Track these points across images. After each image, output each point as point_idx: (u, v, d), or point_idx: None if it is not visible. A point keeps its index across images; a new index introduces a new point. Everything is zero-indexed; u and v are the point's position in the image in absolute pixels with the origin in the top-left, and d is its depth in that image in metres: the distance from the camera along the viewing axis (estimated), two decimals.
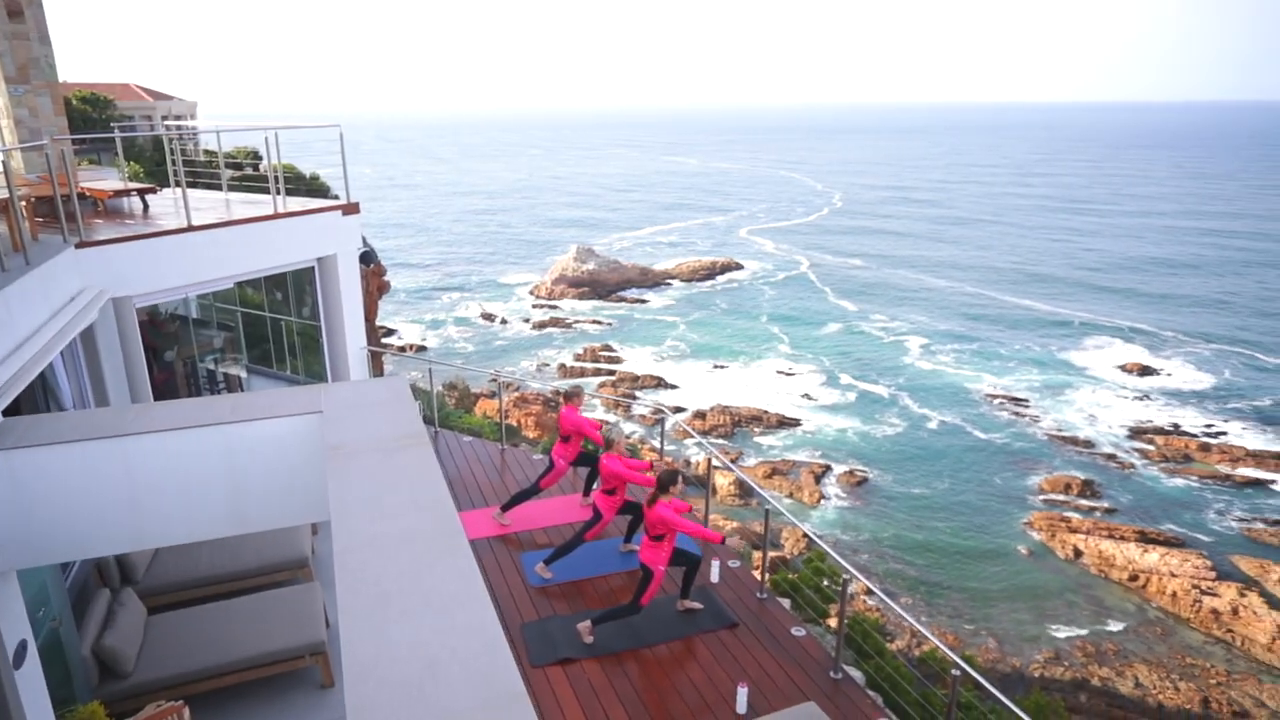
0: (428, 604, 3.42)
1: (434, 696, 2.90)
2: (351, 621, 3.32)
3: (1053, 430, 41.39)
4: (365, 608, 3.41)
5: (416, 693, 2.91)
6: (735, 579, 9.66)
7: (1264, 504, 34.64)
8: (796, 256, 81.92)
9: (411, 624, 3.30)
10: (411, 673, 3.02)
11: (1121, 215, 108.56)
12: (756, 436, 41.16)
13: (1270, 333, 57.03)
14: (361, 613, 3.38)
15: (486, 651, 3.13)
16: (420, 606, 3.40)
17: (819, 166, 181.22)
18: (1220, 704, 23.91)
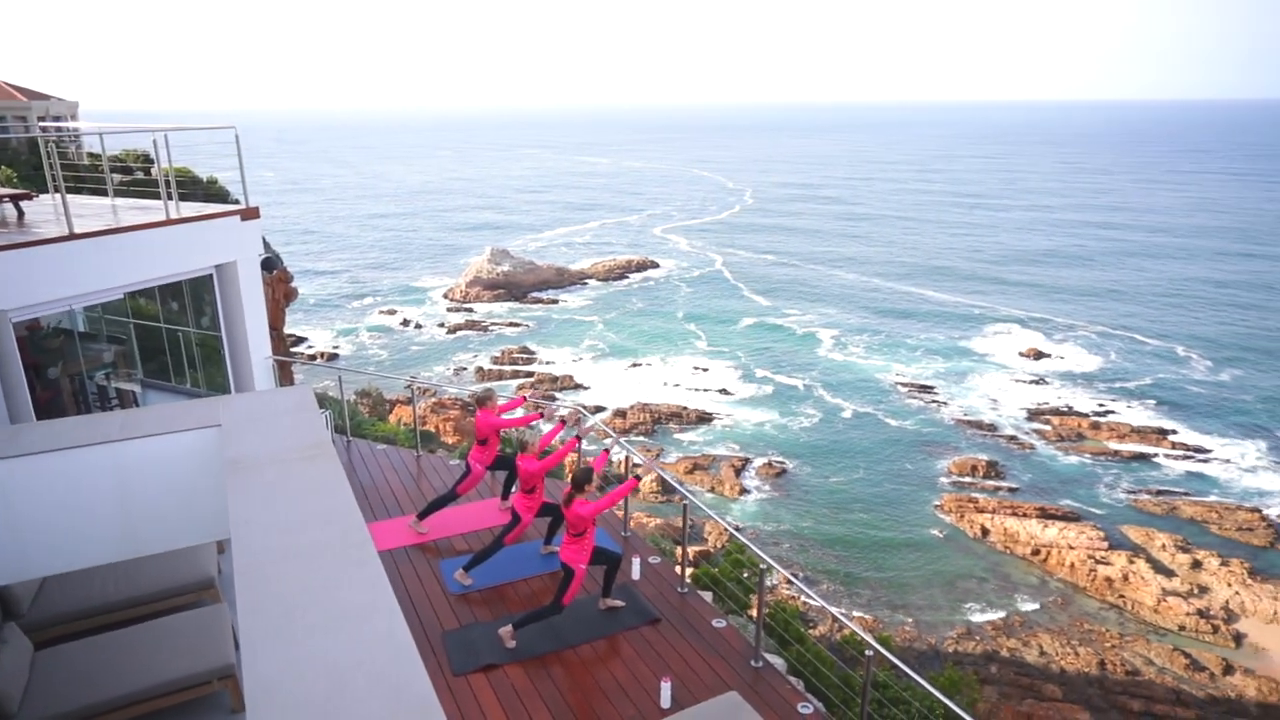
0: (334, 618, 3.33)
1: (342, 712, 2.82)
2: (254, 641, 3.20)
3: (958, 415, 43.21)
4: (268, 626, 3.29)
5: (323, 710, 2.83)
6: (656, 575, 9.74)
7: (1148, 476, 37.03)
8: (710, 254, 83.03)
9: (318, 639, 3.20)
10: (318, 690, 2.93)
11: (1016, 209, 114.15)
12: (677, 433, 41.55)
13: (1149, 317, 60.97)
14: (264, 631, 3.26)
15: (397, 663, 3.07)
16: (327, 621, 3.31)
17: (729, 165, 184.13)
18: (1115, 665, 25.45)
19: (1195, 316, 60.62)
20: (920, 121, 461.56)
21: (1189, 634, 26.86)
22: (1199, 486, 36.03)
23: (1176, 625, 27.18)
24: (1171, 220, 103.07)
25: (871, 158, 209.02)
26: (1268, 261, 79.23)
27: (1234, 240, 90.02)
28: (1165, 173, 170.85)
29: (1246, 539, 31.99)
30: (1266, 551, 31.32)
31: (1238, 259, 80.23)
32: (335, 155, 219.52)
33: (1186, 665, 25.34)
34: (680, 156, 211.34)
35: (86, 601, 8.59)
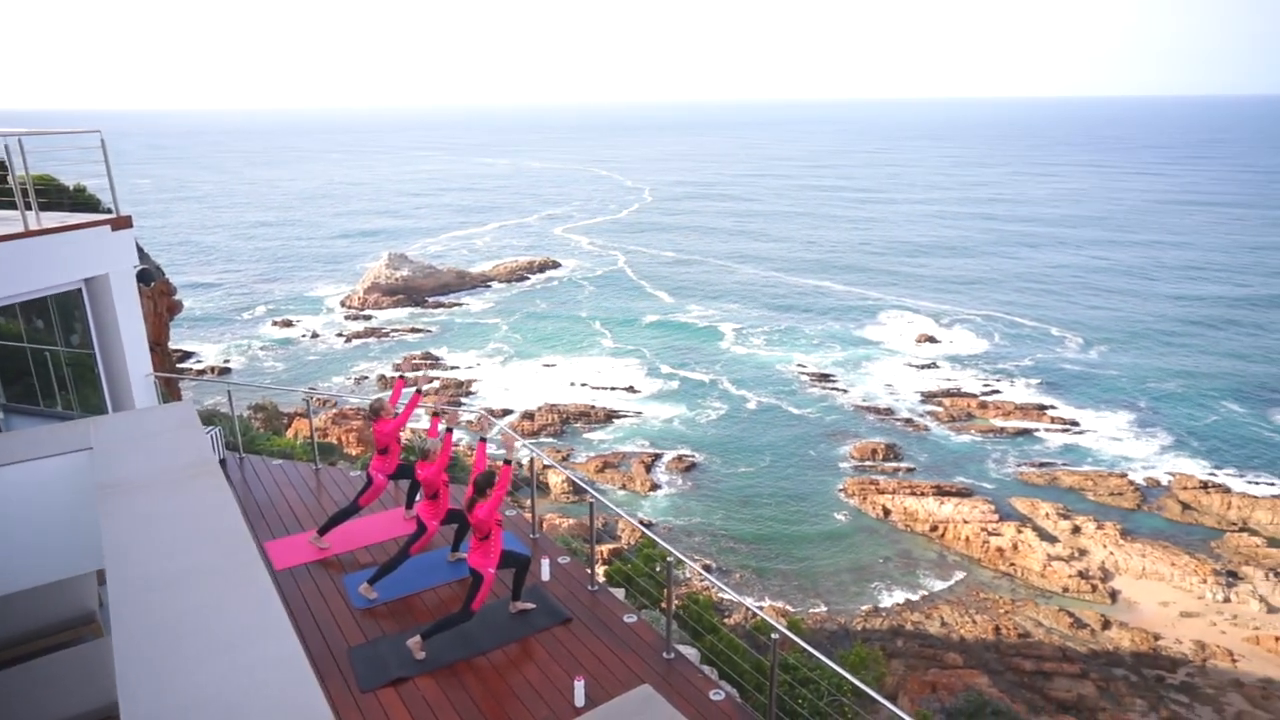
0: (222, 644, 3.19)
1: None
2: (132, 676, 3.03)
3: (857, 401, 44.81)
4: (149, 659, 3.13)
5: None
6: (566, 575, 9.73)
7: (1031, 450, 39.38)
8: (612, 252, 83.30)
9: (204, 669, 3.06)
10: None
11: (903, 203, 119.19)
12: (586, 432, 41.53)
13: (1027, 302, 64.80)
14: (144, 665, 3.09)
15: (292, 686, 2.97)
16: (213, 648, 3.17)
17: (627, 163, 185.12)
18: (1008, 629, 26.97)
19: (1067, 300, 64.76)
20: (813, 119, 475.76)
21: (1072, 594, 28.72)
22: (1075, 457, 38.55)
23: (1061, 587, 29.01)
24: (1042, 210, 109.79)
25: (767, 154, 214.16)
26: (1127, 248, 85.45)
27: (1098, 228, 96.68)
28: (1036, 165, 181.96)
29: (1117, 503, 34.46)
30: (1134, 513, 33.83)
31: (1102, 246, 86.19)
32: (214, 161, 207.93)
33: (1070, 624, 27.09)
34: (578, 156, 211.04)
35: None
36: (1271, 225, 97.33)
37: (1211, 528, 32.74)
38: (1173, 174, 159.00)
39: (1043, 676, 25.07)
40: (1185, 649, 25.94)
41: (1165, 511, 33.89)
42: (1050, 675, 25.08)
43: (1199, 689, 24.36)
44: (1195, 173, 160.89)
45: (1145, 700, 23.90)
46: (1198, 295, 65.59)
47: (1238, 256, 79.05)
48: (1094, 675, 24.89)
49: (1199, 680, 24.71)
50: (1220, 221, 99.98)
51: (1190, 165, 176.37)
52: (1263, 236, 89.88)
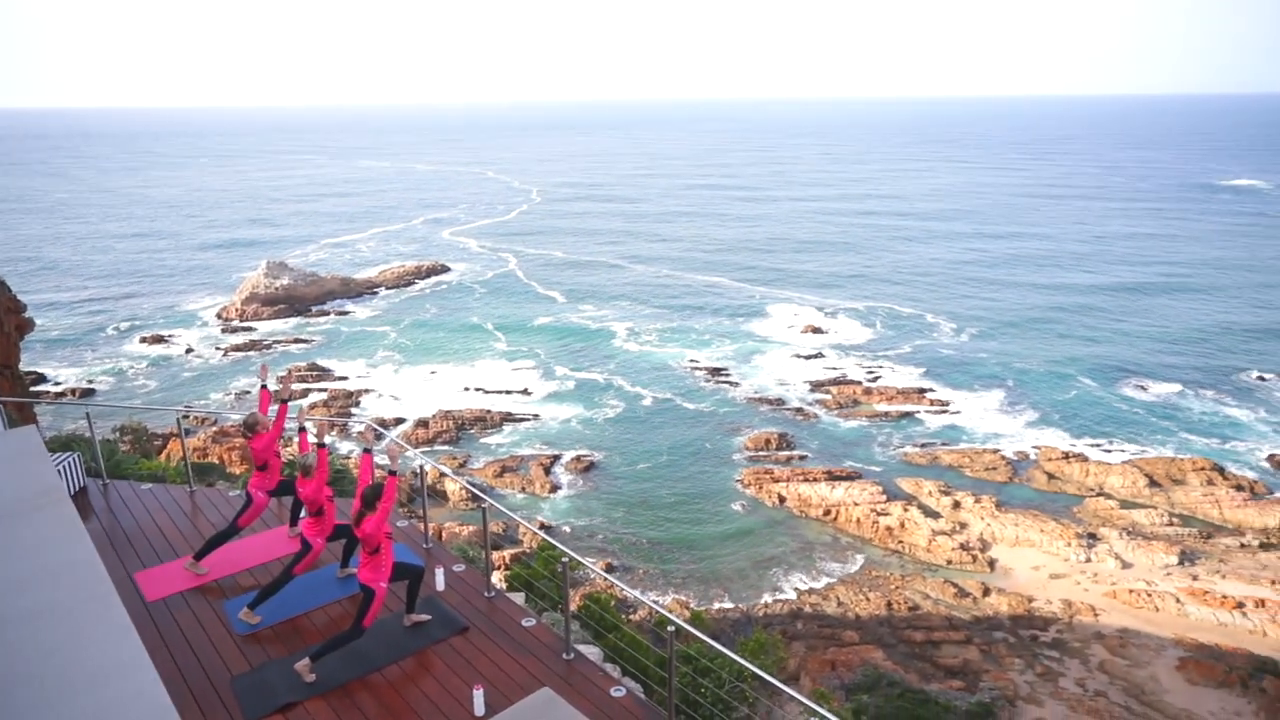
0: (72, 686, 2.97)
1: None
2: None
3: (749, 393, 45.92)
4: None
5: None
6: (462, 583, 9.56)
7: (913, 431, 41.40)
8: (503, 254, 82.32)
9: (53, 713, 2.84)
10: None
11: (787, 200, 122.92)
12: (482, 437, 40.91)
13: (904, 293, 68.06)
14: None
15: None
16: (61, 691, 2.94)
17: (514, 164, 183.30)
18: (899, 603, 28.26)
19: (940, 290, 68.41)
20: (700, 118, 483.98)
21: (955, 566, 30.38)
22: (953, 436, 40.78)
23: (945, 560, 30.64)
24: (915, 205, 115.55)
25: (654, 153, 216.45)
26: (992, 239, 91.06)
27: (965, 221, 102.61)
28: (909, 161, 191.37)
29: (992, 477, 36.69)
30: (1007, 486, 36.10)
31: (969, 238, 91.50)
32: (60, 168, 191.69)
33: (955, 594, 28.65)
34: (464, 157, 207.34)
35: None
36: (1113, 215, 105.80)
37: (1073, 494, 35.31)
38: (1030, 169, 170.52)
39: (932, 645, 26.41)
40: (1055, 608, 27.87)
41: (1033, 482, 36.31)
42: (939, 644, 26.45)
43: (1067, 644, 26.23)
44: (1050, 167, 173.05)
45: (1022, 659, 25.54)
46: (1054, 282, 70.58)
47: (1087, 245, 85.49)
48: (977, 640, 26.41)
49: (1067, 636, 26.62)
50: (1071, 212, 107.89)
51: (1044, 160, 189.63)
52: (1106, 226, 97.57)
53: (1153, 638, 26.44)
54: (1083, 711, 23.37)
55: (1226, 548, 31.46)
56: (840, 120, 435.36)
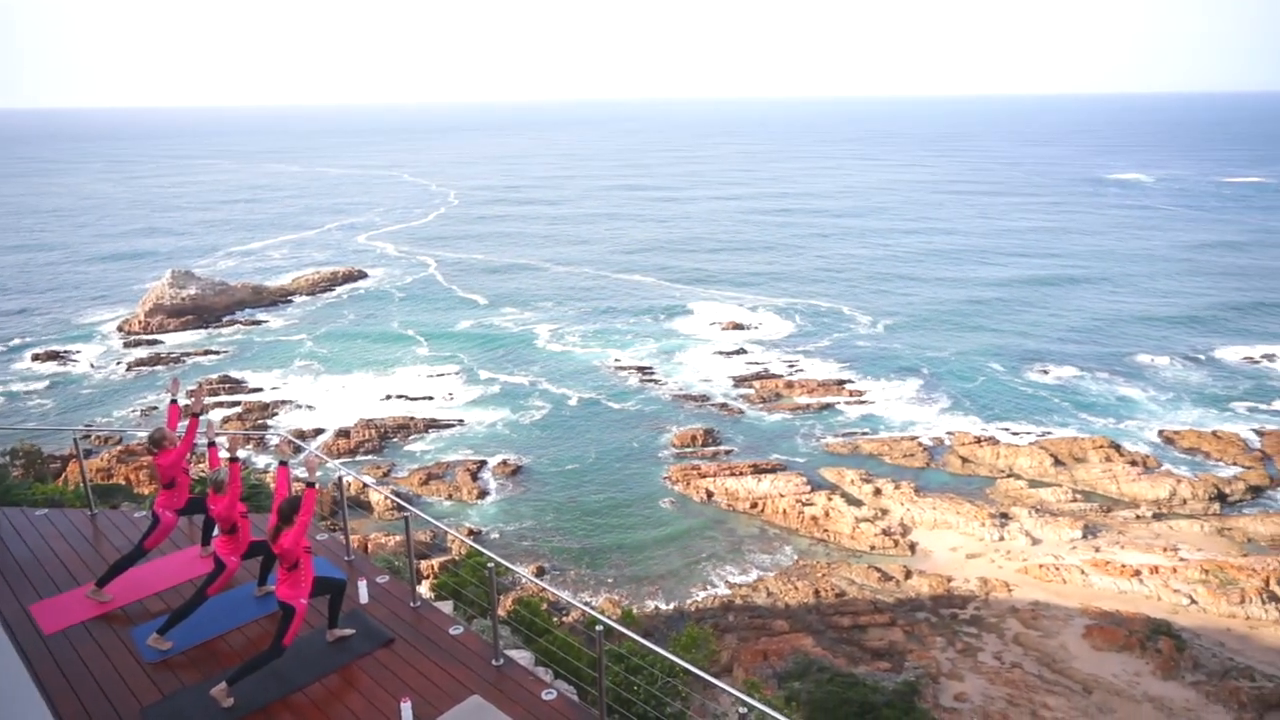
0: None
1: None
2: None
3: (674, 391, 46.29)
4: None
5: None
6: (387, 594, 9.36)
7: (834, 422, 42.46)
8: (421, 258, 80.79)
9: None
10: None
11: (705, 200, 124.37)
12: (407, 445, 40.10)
13: (821, 288, 69.78)
14: None
15: None
16: None
17: (430, 167, 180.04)
18: (826, 591, 28.95)
19: (855, 284, 70.40)
20: (618, 118, 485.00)
21: (878, 551, 31.31)
22: (872, 425, 42.01)
23: (868, 546, 31.54)
24: (829, 203, 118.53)
25: (569, 153, 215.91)
26: (904, 234, 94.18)
27: (877, 218, 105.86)
28: (823, 160, 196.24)
29: (910, 463, 37.97)
30: (924, 471, 37.42)
31: (882, 233, 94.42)
32: None
33: (879, 578, 29.53)
34: (377, 160, 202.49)
35: None
36: (1013, 209, 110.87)
37: (986, 476, 36.86)
38: (936, 165, 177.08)
39: (859, 629, 27.17)
40: (972, 586, 29.03)
41: (949, 467, 37.74)
42: (865, 627, 27.22)
43: (984, 620, 27.37)
44: (954, 164, 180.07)
45: (943, 637, 26.52)
46: (962, 276, 73.50)
47: (990, 239, 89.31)
48: (901, 622, 27.29)
49: (984, 612, 27.77)
50: (975, 207, 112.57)
51: (949, 157, 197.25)
52: (1008, 220, 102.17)
53: (1061, 609, 27.82)
54: (1000, 683, 24.42)
55: (1124, 520, 33.36)
56: (753, 120, 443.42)
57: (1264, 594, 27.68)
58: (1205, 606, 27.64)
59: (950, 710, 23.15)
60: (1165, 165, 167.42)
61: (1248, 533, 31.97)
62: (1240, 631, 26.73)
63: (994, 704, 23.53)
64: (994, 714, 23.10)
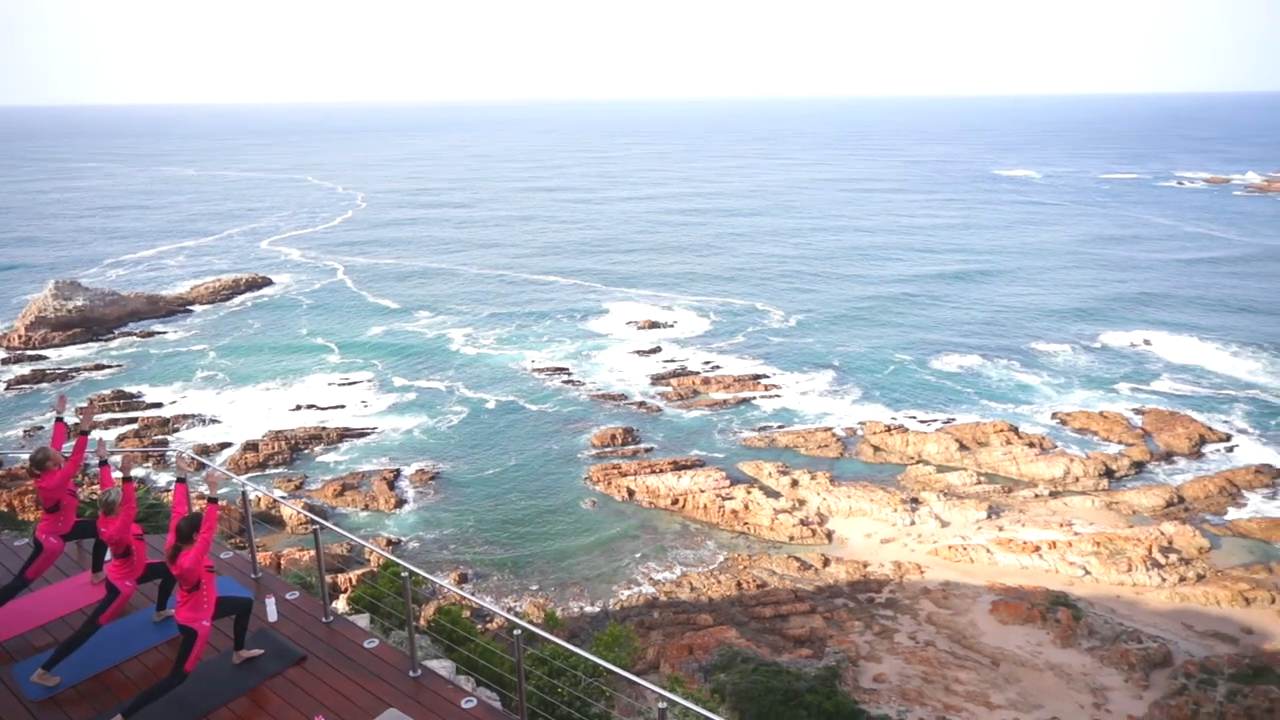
0: None
1: None
2: None
3: (592, 391, 46.27)
4: None
5: None
6: (297, 610, 9.04)
7: (751, 417, 43.23)
8: (329, 263, 78.35)
9: None
10: None
11: (618, 201, 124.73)
12: (319, 456, 38.85)
13: (735, 287, 70.92)
14: None
15: None
16: None
17: (336, 169, 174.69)
18: (748, 583, 29.46)
19: (768, 281, 71.84)
20: (528, 119, 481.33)
21: (797, 541, 32.05)
22: (787, 418, 42.97)
23: (787, 536, 32.24)
24: (740, 202, 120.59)
25: (482, 157, 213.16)
26: (814, 234, 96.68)
27: (786, 215, 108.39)
28: (730, 159, 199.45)
29: (825, 454, 39.00)
30: (839, 461, 38.52)
31: (792, 232, 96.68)
32: None
33: (798, 567, 30.24)
34: (281, 163, 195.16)
35: None
36: (916, 205, 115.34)
37: (897, 463, 38.20)
38: (841, 164, 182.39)
39: (781, 619, 27.74)
40: (887, 570, 30.04)
41: (862, 455, 38.94)
42: (787, 616, 27.82)
43: (899, 602, 28.36)
44: (858, 163, 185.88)
45: (861, 621, 27.36)
46: (870, 270, 76.00)
47: (895, 235, 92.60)
48: (821, 609, 28.01)
49: (899, 595, 28.77)
50: (879, 205, 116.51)
51: (854, 156, 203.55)
52: (911, 217, 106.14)
53: (969, 587, 29.09)
54: (915, 662, 25.36)
55: (1024, 499, 35.11)
56: (667, 120, 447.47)
57: (1148, 561, 29.60)
58: (1098, 577, 29.35)
59: (870, 691, 23.90)
60: (1052, 163, 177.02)
61: (1133, 505, 34.11)
62: (1129, 598, 28.51)
63: (910, 682, 24.41)
64: (910, 692, 23.96)
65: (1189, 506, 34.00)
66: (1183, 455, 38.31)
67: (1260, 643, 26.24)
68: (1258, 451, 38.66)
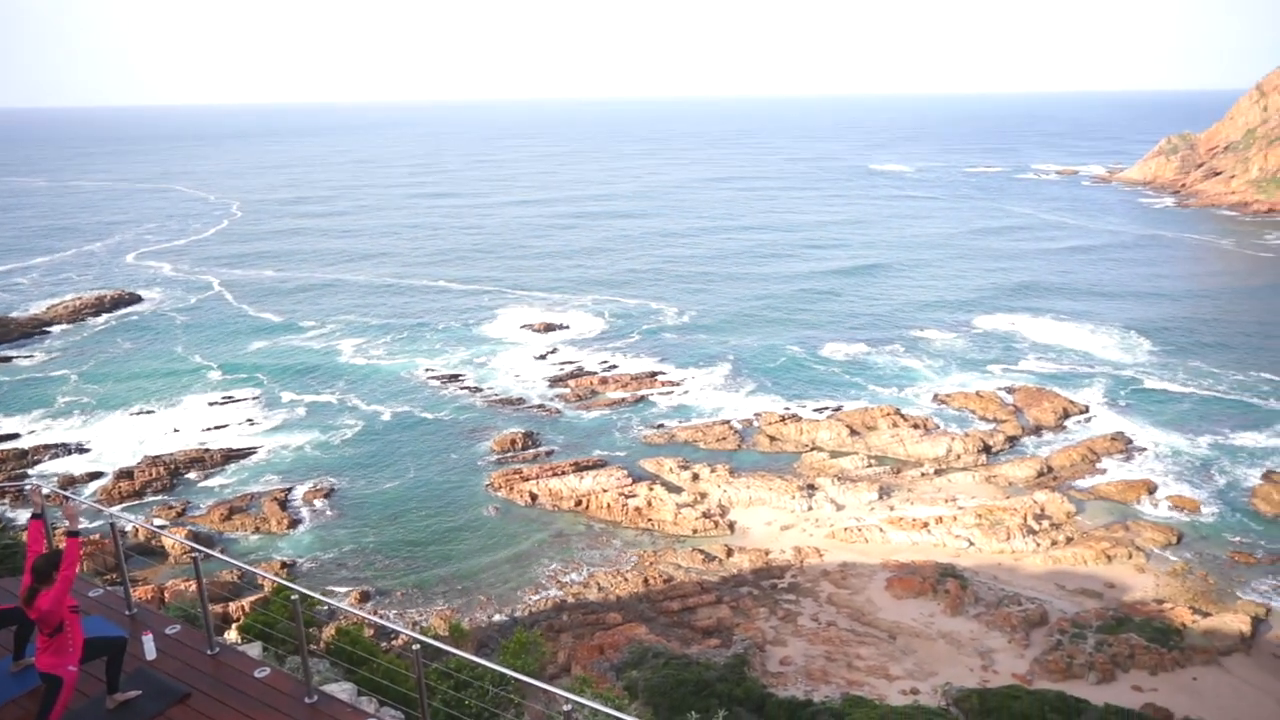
0: None
1: None
2: None
3: (490, 396, 45.67)
4: None
5: None
6: (179, 645, 8.55)
7: (649, 414, 43.65)
8: (204, 276, 74.22)
9: None
10: None
11: (507, 205, 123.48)
12: (203, 480, 36.85)
13: (629, 287, 71.48)
14: None
15: None
16: None
17: (207, 177, 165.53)
18: (655, 578, 29.73)
19: (660, 280, 72.75)
20: (409, 122, 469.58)
21: (700, 534, 32.59)
22: (685, 414, 43.62)
23: (691, 530, 32.75)
24: (626, 205, 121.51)
25: (362, 158, 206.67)
26: (704, 233, 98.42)
27: (676, 216, 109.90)
28: (620, 160, 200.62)
29: (723, 446, 39.83)
30: (737, 453, 39.41)
31: (682, 232, 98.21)
32: None
33: (703, 559, 30.76)
34: (144, 171, 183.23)
35: None
36: (800, 202, 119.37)
37: (792, 452, 39.40)
38: (725, 162, 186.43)
39: (688, 611, 28.16)
40: (788, 556, 30.96)
41: (759, 446, 39.97)
42: (694, 609, 28.26)
43: (801, 586, 29.29)
44: (741, 160, 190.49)
45: (766, 607, 28.10)
46: (759, 266, 78.07)
47: (783, 233, 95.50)
48: (727, 599, 28.60)
49: (800, 579, 29.71)
50: (765, 201, 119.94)
51: (736, 154, 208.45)
52: (797, 214, 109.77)
53: (865, 566, 30.34)
54: (819, 642, 26.26)
55: (912, 478, 36.89)
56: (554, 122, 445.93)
57: (1024, 529, 31.66)
58: (981, 547, 31.16)
59: (777, 675, 24.60)
60: (922, 158, 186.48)
61: (1009, 477, 36.39)
62: (1009, 564, 30.40)
63: (815, 662, 25.27)
64: (815, 671, 24.81)
65: (1057, 475, 36.54)
66: (1049, 428, 41.13)
67: (1121, 595, 28.52)
68: (1112, 420, 41.95)
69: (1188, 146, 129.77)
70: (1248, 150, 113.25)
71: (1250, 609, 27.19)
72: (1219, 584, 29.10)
